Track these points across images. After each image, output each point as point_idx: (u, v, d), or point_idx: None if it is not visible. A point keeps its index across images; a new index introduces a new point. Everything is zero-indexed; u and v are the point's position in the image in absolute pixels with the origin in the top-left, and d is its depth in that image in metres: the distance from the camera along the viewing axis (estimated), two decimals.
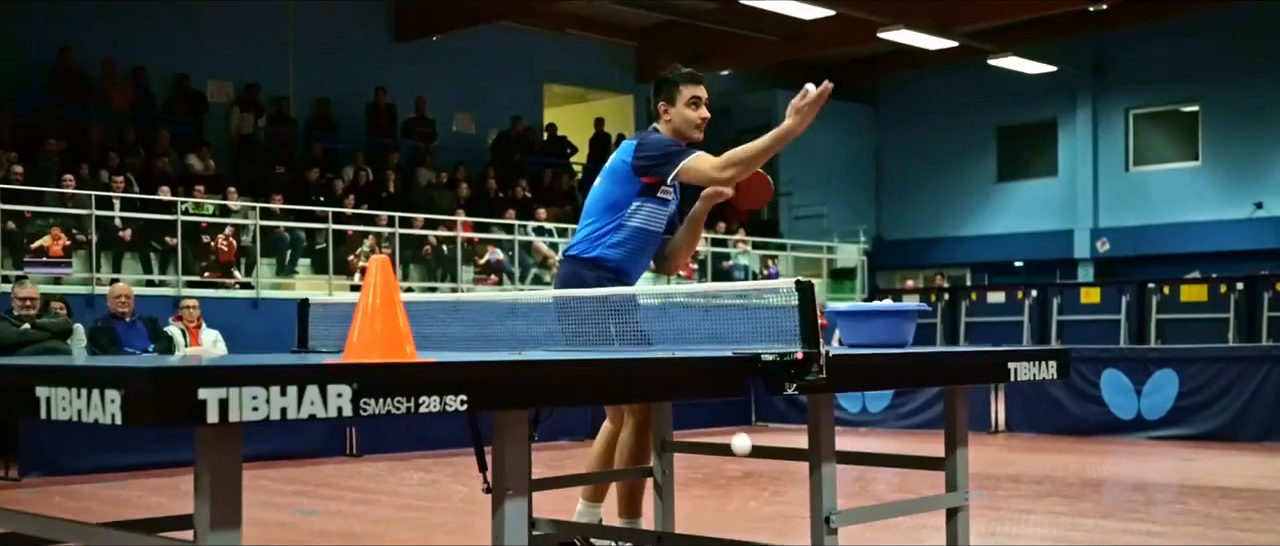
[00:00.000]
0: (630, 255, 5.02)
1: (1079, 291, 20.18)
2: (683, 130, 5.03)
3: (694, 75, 5.08)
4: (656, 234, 5.06)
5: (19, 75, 16.97)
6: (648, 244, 5.05)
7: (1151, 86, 24.24)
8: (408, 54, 21.15)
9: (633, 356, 3.04)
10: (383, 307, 2.89)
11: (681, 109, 5.03)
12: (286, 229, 16.79)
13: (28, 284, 10.25)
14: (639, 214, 4.98)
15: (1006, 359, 3.84)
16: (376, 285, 2.89)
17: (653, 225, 5.03)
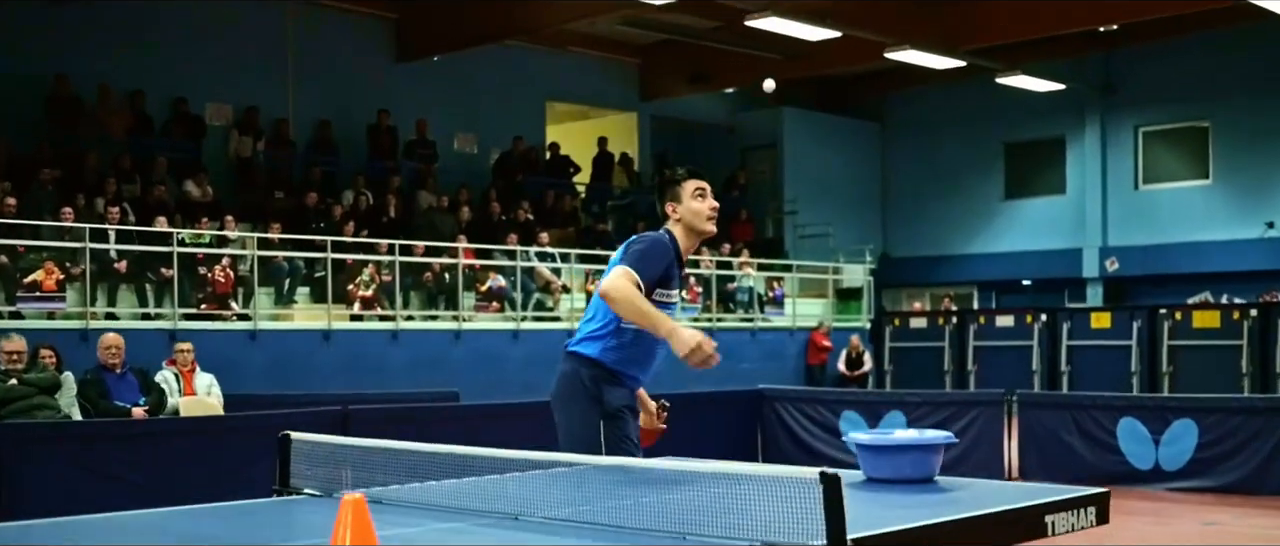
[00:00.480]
0: (627, 359, 4.90)
1: (1089, 316, 19.96)
2: (693, 224, 4.96)
3: (694, 171, 5.05)
4: (654, 337, 4.83)
5: (14, 102, 16.70)
6: (649, 348, 4.91)
7: (1161, 104, 23.96)
8: (409, 74, 20.89)
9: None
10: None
11: (689, 203, 4.97)
12: (285, 258, 16.53)
13: (14, 337, 9.96)
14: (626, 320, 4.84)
15: (1044, 512, 3.57)
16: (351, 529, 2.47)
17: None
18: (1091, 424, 11.18)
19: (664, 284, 4.82)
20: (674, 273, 4.87)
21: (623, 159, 23.67)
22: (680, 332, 4.48)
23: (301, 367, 15.68)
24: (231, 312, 15.46)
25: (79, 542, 3.40)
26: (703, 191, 4.95)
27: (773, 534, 2.92)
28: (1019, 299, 25.32)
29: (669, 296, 4.86)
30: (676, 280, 4.90)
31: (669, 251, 4.84)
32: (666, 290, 4.84)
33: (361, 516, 2.39)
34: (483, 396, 15.78)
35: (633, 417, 4.92)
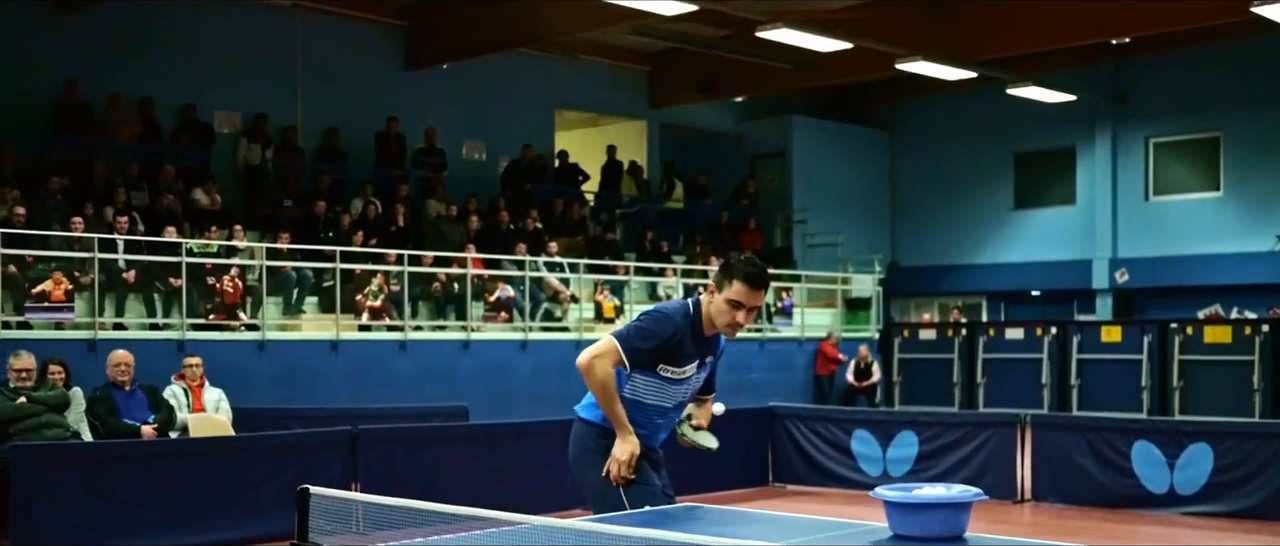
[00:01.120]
0: (634, 421, 4.88)
1: (1099, 330, 19.88)
2: (713, 318, 4.86)
3: (752, 277, 4.77)
4: (660, 408, 4.93)
5: (22, 111, 16.65)
6: (650, 417, 4.93)
7: (1172, 115, 23.85)
8: (418, 82, 20.83)
9: None
10: None
11: (720, 300, 4.80)
12: (293, 268, 16.47)
13: (23, 355, 9.90)
14: (630, 385, 4.86)
15: None
16: None
17: (650, 399, 4.89)
18: (1105, 446, 11.10)
19: (669, 360, 4.79)
20: (684, 350, 4.80)
21: (632, 167, 23.60)
22: (627, 439, 4.72)
23: (310, 378, 15.64)
24: (240, 323, 15.40)
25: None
26: (737, 304, 4.75)
27: None
28: (1028, 310, 25.22)
29: (677, 373, 4.83)
30: (688, 357, 4.83)
31: (677, 329, 4.79)
32: (672, 367, 4.81)
33: None
34: (491, 407, 15.74)
35: (649, 466, 4.90)
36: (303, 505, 4.05)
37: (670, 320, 4.81)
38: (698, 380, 4.97)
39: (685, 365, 4.82)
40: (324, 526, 4.00)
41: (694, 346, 4.83)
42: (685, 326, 4.81)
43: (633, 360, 4.74)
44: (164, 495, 8.93)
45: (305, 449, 9.75)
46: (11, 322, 13.70)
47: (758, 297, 4.75)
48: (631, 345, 4.74)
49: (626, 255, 21.29)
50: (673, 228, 23.46)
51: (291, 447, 9.77)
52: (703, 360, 4.93)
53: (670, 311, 4.86)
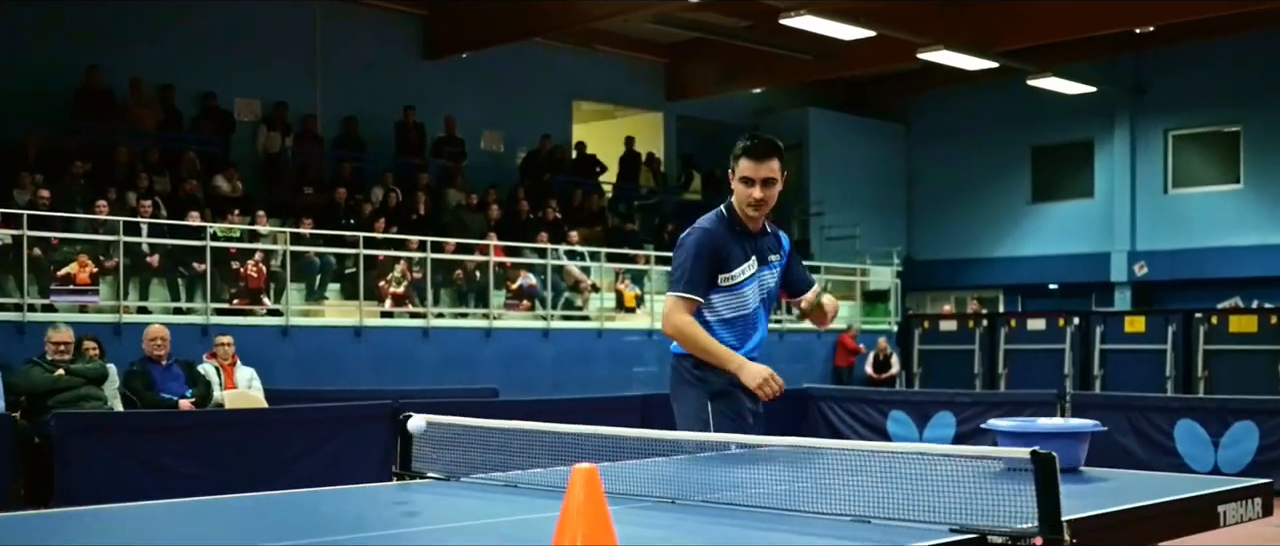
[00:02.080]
0: (721, 341, 4.83)
1: (1123, 320, 19.77)
2: (738, 208, 4.83)
3: (751, 148, 4.76)
4: (743, 315, 4.86)
5: (45, 96, 16.56)
6: (734, 326, 4.86)
7: (1192, 107, 23.74)
8: (437, 71, 20.73)
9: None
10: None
11: (736, 185, 4.81)
12: (316, 254, 16.39)
13: (62, 328, 9.81)
14: (707, 309, 4.83)
15: (1216, 502, 3.40)
16: (579, 504, 2.23)
17: (729, 311, 4.85)
18: (1147, 425, 11.00)
19: (721, 268, 4.74)
20: (730, 252, 4.75)
21: (649, 159, 23.50)
22: (748, 368, 4.64)
23: (333, 364, 15.55)
24: (263, 308, 15.32)
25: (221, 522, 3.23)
26: (749, 179, 4.72)
27: (971, 516, 2.75)
28: (1045, 303, 25.09)
29: (735, 275, 4.77)
30: (739, 258, 4.77)
31: (710, 235, 4.76)
32: (726, 272, 4.76)
33: (594, 486, 2.19)
34: (514, 395, 15.65)
35: (744, 395, 4.80)
36: (406, 434, 3.94)
37: (699, 231, 4.80)
38: (769, 278, 4.89)
39: (738, 266, 4.76)
40: (429, 455, 3.90)
41: (740, 246, 4.77)
42: (720, 230, 4.78)
43: (697, 290, 4.74)
44: (206, 465, 8.84)
45: (346, 421, 9.65)
46: (36, 305, 13.62)
47: (763, 168, 4.68)
48: (683, 279, 4.74)
49: (645, 245, 21.21)
50: (690, 219, 23.20)
51: (333, 420, 9.67)
52: (762, 256, 4.85)
53: (698, 224, 4.86)
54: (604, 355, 18.43)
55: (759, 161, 4.69)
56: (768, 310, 4.97)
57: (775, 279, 4.95)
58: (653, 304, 19.53)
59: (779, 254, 4.97)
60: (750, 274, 4.80)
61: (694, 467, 3.71)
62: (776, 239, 4.99)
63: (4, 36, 16.62)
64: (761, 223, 4.88)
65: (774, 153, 4.73)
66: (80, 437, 8.36)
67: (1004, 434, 3.98)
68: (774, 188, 4.74)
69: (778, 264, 4.95)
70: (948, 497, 2.86)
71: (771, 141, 4.77)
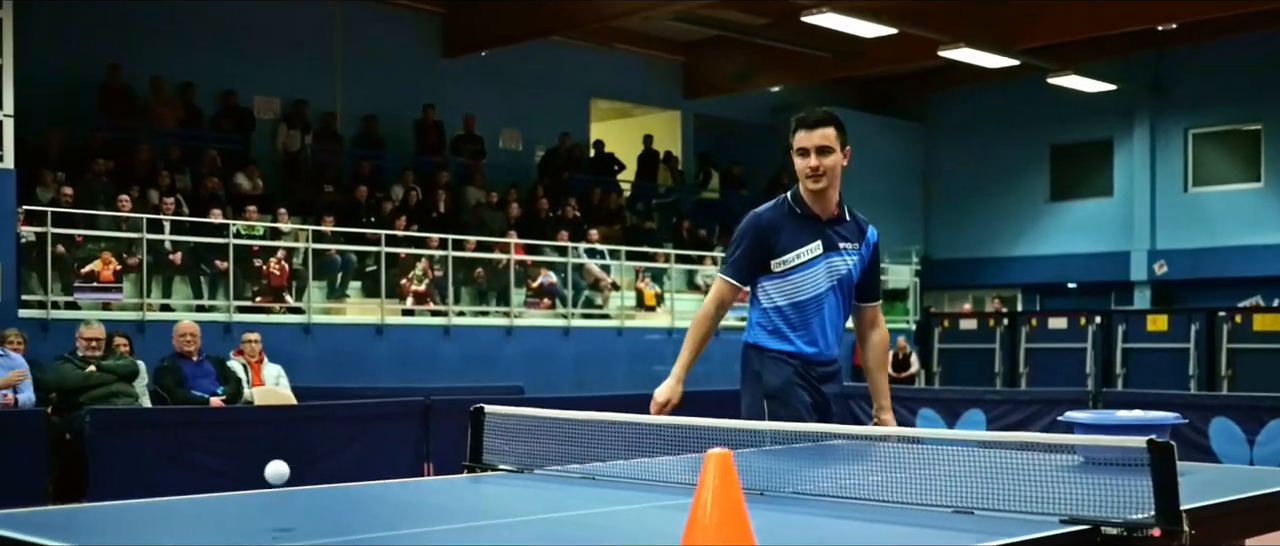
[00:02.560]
0: (777, 331, 4.76)
1: (1145, 318, 19.66)
2: (801, 186, 4.77)
3: (803, 119, 4.70)
4: (801, 303, 4.72)
5: (67, 94, 16.53)
6: (791, 315, 4.73)
7: (1212, 105, 23.62)
8: (456, 69, 20.68)
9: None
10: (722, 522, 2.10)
11: (795, 159, 4.73)
12: (337, 251, 16.36)
13: (94, 324, 9.78)
14: (764, 292, 4.76)
15: None
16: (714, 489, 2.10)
17: (784, 298, 4.73)
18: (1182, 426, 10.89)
19: (774, 252, 4.66)
20: (782, 237, 4.67)
21: (667, 157, 23.45)
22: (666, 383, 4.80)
23: (355, 362, 15.52)
24: (284, 305, 15.29)
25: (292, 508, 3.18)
26: (804, 150, 4.64)
27: (1083, 507, 2.68)
28: (1064, 302, 24.99)
29: (790, 260, 4.66)
30: (796, 241, 4.67)
31: (758, 222, 4.72)
32: (782, 256, 4.66)
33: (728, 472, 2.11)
34: (536, 393, 15.60)
35: (803, 392, 4.70)
36: (477, 426, 3.88)
37: (752, 216, 4.75)
38: (842, 264, 4.74)
39: (794, 250, 4.65)
40: (500, 446, 3.84)
41: (800, 229, 4.67)
42: (776, 215, 4.71)
43: (740, 273, 4.69)
44: (238, 462, 8.79)
45: (378, 418, 9.61)
46: (61, 303, 13.60)
47: (814, 135, 4.60)
48: (730, 264, 4.73)
49: (664, 244, 21.16)
50: (708, 217, 23.30)
51: (364, 417, 9.62)
52: (832, 241, 4.71)
53: (755, 210, 4.81)
54: (624, 353, 18.38)
55: (811, 129, 4.62)
56: (844, 299, 4.80)
57: (852, 267, 4.77)
58: (673, 302, 19.49)
59: (859, 242, 4.81)
60: (810, 258, 4.67)
61: (772, 460, 3.64)
62: (858, 227, 4.83)
63: (27, 36, 16.53)
64: (833, 204, 4.74)
65: (827, 121, 4.64)
66: (114, 434, 8.33)
67: (1083, 425, 3.91)
68: (830, 157, 4.62)
69: (855, 252, 4.79)
70: (1053, 488, 2.79)
71: (825, 111, 4.71)
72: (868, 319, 4.97)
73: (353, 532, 2.79)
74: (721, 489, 2.06)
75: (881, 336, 5.00)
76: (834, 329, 4.78)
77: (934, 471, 3.20)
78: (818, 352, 4.75)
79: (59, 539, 2.59)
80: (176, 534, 2.88)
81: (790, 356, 4.73)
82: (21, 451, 8.26)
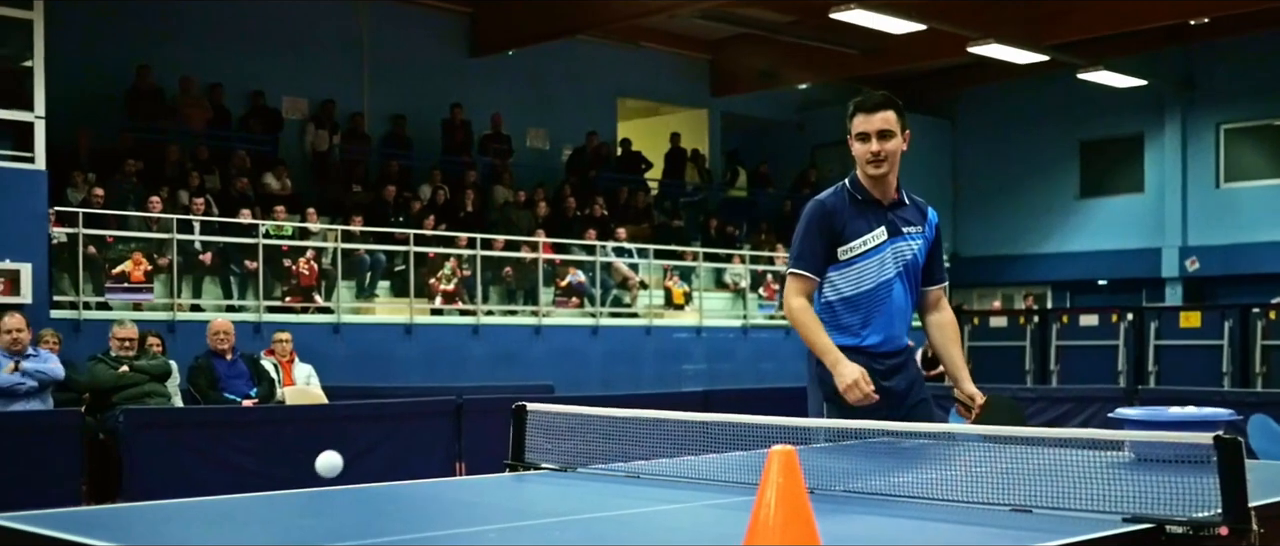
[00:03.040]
0: (844, 324, 4.61)
1: (1177, 315, 19.49)
2: (861, 172, 4.65)
3: (861, 102, 4.59)
4: (868, 292, 4.58)
5: (97, 96, 16.58)
6: (859, 306, 4.59)
7: (1244, 100, 23.40)
8: (483, 69, 20.68)
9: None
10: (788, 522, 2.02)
11: (853, 147, 4.61)
12: (366, 251, 16.38)
13: (127, 324, 9.80)
14: (829, 284, 4.62)
15: None
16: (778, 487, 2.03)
17: (851, 288, 4.59)
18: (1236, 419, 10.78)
19: (839, 241, 4.54)
20: (846, 224, 4.54)
21: (694, 155, 23.39)
22: (840, 368, 4.39)
23: (384, 361, 15.53)
24: (314, 305, 15.31)
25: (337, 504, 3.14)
26: (865, 135, 4.53)
27: (1145, 505, 2.62)
28: (1094, 299, 24.82)
29: (855, 247, 4.55)
30: (860, 228, 4.55)
31: (821, 209, 4.59)
32: (846, 244, 4.55)
33: (793, 470, 2.05)
34: (564, 391, 15.57)
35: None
36: (519, 425, 3.83)
37: (816, 204, 4.63)
38: (908, 250, 4.61)
39: (858, 237, 4.54)
40: (542, 445, 3.79)
41: (862, 215, 4.57)
42: (837, 202, 4.61)
43: (810, 265, 4.56)
44: (271, 461, 8.79)
45: (410, 417, 9.59)
46: (92, 303, 13.64)
47: (875, 119, 4.50)
48: (798, 257, 4.60)
49: (692, 242, 21.10)
50: (736, 216, 23.24)
51: (396, 416, 9.60)
52: (896, 226, 4.60)
53: (816, 197, 4.69)
54: (653, 353, 18.35)
55: (871, 113, 4.53)
56: (911, 287, 4.66)
57: (917, 251, 4.65)
58: (701, 301, 19.44)
59: (922, 225, 4.70)
60: (875, 245, 4.55)
61: (824, 458, 3.58)
62: (918, 210, 4.73)
63: (57, 38, 16.61)
64: (893, 189, 4.64)
65: (887, 104, 4.54)
66: (147, 433, 8.34)
67: (1134, 423, 3.85)
68: (892, 141, 4.53)
69: (920, 236, 4.68)
70: (1111, 486, 2.73)
71: (884, 94, 4.62)
72: (932, 301, 4.85)
73: (398, 532, 2.75)
74: (786, 487, 2.00)
75: (948, 317, 4.87)
76: (902, 317, 4.65)
77: (986, 468, 3.14)
78: (884, 342, 4.61)
79: (100, 538, 2.56)
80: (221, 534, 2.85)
81: (854, 352, 4.55)
82: (55, 451, 8.27)
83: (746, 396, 12.91)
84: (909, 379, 4.70)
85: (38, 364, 9.07)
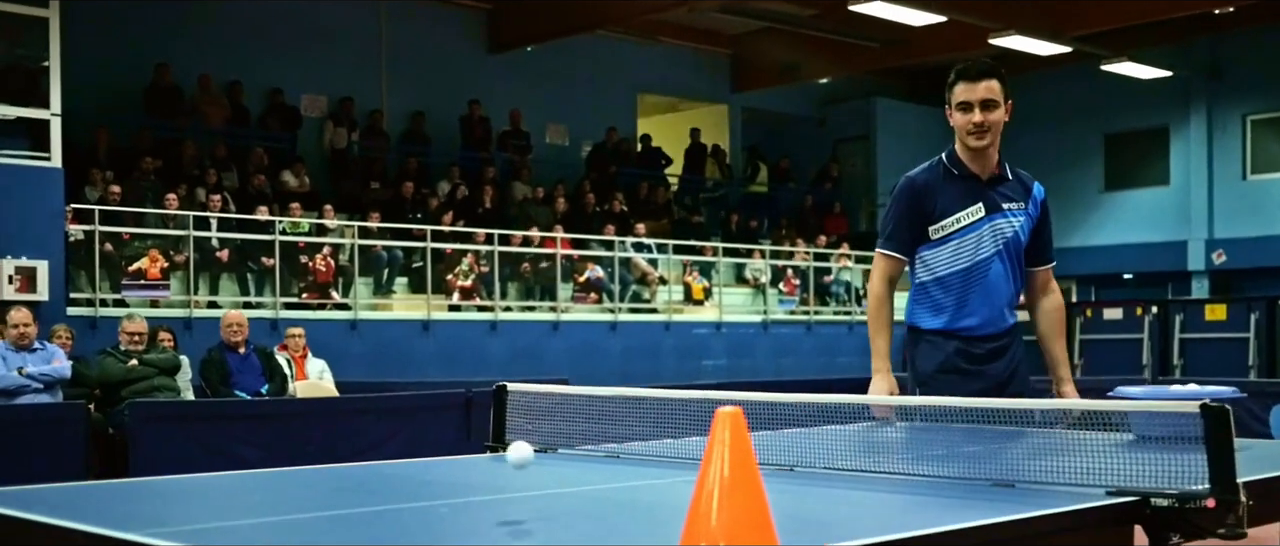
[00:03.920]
0: (932, 311, 4.42)
1: (1203, 308, 19.30)
2: (960, 144, 4.41)
3: (964, 70, 4.35)
4: (963, 272, 4.35)
5: (115, 94, 16.62)
6: (952, 287, 4.37)
7: (1271, 90, 23.11)
8: (502, 65, 20.63)
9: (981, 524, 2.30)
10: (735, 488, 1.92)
11: (953, 113, 4.39)
12: (383, 247, 16.35)
13: (136, 318, 9.78)
14: (923, 264, 4.42)
15: None
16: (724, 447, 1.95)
17: (945, 268, 4.37)
18: (1241, 411, 10.61)
19: (932, 219, 4.33)
20: (939, 200, 4.33)
21: (714, 151, 23.29)
22: (873, 380, 4.27)
23: (401, 357, 15.50)
24: (331, 302, 15.29)
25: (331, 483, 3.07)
26: (967, 104, 4.29)
27: (1133, 478, 2.52)
28: (1120, 293, 24.59)
29: (949, 226, 4.32)
30: (955, 204, 4.33)
31: (912, 186, 4.39)
32: (939, 222, 4.33)
33: (739, 430, 1.95)
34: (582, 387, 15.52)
35: (957, 380, 4.34)
36: (499, 405, 3.76)
37: (906, 180, 4.44)
38: (1008, 227, 4.38)
39: (952, 214, 4.32)
40: (523, 426, 3.72)
41: (958, 192, 4.35)
42: (931, 177, 4.40)
43: (899, 243, 4.38)
44: (279, 454, 8.74)
45: (419, 411, 9.53)
46: (109, 300, 13.66)
47: (979, 88, 4.27)
48: (886, 237, 4.42)
49: (712, 237, 21.00)
50: (757, 211, 23.13)
51: (405, 410, 9.55)
52: (995, 203, 4.37)
53: (907, 173, 4.49)
54: (672, 348, 18.26)
55: (974, 81, 4.29)
56: (1013, 267, 4.43)
57: (1019, 229, 4.40)
58: (721, 296, 19.34)
59: (1025, 201, 4.45)
60: (972, 222, 4.32)
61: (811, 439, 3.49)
62: (1022, 185, 4.49)
63: (75, 36, 16.65)
64: (994, 163, 4.41)
65: (992, 72, 4.32)
66: (154, 426, 8.31)
67: (1135, 400, 3.73)
68: (996, 111, 4.30)
69: (1022, 213, 4.42)
70: (1099, 461, 2.63)
71: (988, 61, 4.40)
72: (1040, 283, 4.63)
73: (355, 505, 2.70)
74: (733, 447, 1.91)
75: (1055, 302, 4.66)
76: (1004, 298, 4.44)
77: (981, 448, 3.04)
78: (982, 325, 4.40)
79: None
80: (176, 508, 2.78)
81: (948, 335, 4.38)
82: (61, 445, 8.25)
83: (766, 390, 12.81)
84: (1012, 363, 4.51)
85: (43, 365, 9.07)
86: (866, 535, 2.05)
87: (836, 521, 2.40)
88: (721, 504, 1.85)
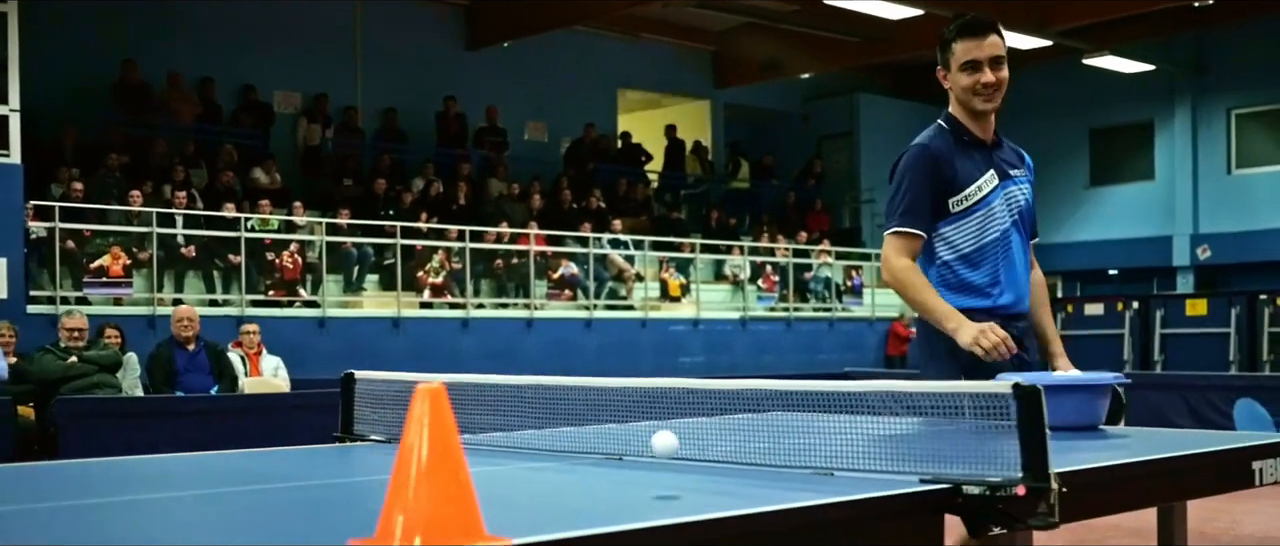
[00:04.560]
0: (969, 284, 3.99)
1: (1183, 303, 19.15)
2: (963, 101, 4.03)
3: (966, 25, 3.98)
4: (989, 245, 3.98)
5: (83, 92, 16.47)
6: (980, 263, 3.99)
7: (1255, 85, 22.97)
8: (478, 61, 20.49)
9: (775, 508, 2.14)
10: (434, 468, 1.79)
11: (956, 74, 4.00)
12: (353, 244, 16.21)
13: (75, 314, 9.64)
14: (942, 241, 4.01)
15: (1250, 457, 3.00)
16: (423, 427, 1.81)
17: (970, 243, 3.99)
18: (1205, 406, 10.51)
19: (950, 190, 3.94)
20: (957, 169, 3.95)
21: (696, 147, 23.15)
22: (964, 329, 3.73)
23: (371, 356, 15.32)
24: (299, 299, 15.15)
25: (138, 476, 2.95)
26: (975, 63, 3.93)
27: (947, 465, 2.38)
28: (1105, 289, 24.44)
29: (970, 197, 3.95)
30: (973, 172, 3.97)
31: (928, 153, 3.98)
32: (958, 194, 3.95)
33: (440, 407, 1.81)
34: None
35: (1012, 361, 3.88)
36: (347, 394, 3.63)
37: (919, 147, 4.03)
38: (1020, 194, 4.08)
39: (971, 183, 3.97)
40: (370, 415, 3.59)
41: (970, 159, 4.01)
42: (941, 144, 4.02)
43: (919, 219, 3.92)
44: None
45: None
46: (70, 298, 13.52)
47: (985, 46, 3.92)
48: (898, 209, 3.95)
49: (692, 234, 20.86)
50: (738, 208, 22.99)
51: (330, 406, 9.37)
52: (1001, 170, 4.04)
53: (917, 141, 4.08)
54: (649, 345, 18.12)
55: (980, 36, 3.93)
56: (1026, 236, 4.12)
57: (1027, 195, 4.12)
58: (698, 293, 19.20)
59: (1023, 168, 4.17)
60: (991, 189, 3.97)
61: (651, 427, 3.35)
62: (1016, 153, 4.21)
63: (42, 32, 16.56)
64: (992, 129, 4.10)
65: (995, 27, 3.98)
66: (85, 423, 8.16)
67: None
68: (1004, 69, 3.97)
69: (1025, 179, 4.14)
70: (918, 446, 2.49)
71: (985, 18, 4.02)
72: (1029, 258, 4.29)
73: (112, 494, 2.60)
74: (433, 428, 1.77)
75: (1040, 278, 4.29)
76: (1025, 272, 4.11)
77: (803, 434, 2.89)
78: (1017, 302, 4.06)
79: None
80: None
81: (987, 314, 3.93)
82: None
83: None
84: (1034, 347, 4.20)
85: None
86: (585, 527, 1.91)
87: (578, 510, 2.29)
88: (417, 486, 1.71)
